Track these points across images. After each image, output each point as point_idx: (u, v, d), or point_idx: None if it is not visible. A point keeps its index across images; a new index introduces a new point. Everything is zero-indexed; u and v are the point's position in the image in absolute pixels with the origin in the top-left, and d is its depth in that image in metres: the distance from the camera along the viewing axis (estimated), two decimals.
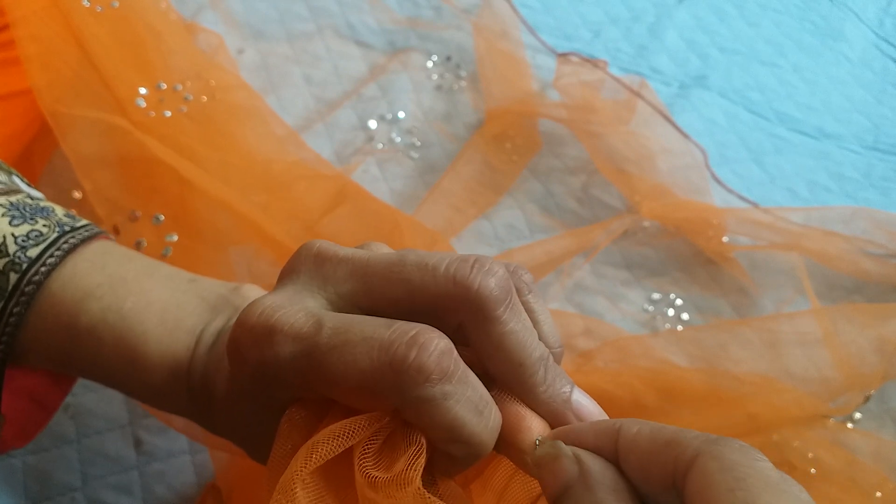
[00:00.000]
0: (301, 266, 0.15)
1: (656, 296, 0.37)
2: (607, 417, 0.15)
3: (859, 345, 0.31)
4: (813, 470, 0.28)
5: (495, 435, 0.14)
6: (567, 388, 0.15)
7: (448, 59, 0.46)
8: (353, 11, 0.48)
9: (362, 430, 0.13)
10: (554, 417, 0.14)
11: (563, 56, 0.45)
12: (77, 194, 0.30)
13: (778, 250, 0.39)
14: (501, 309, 0.13)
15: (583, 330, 0.32)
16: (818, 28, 0.59)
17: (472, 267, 0.13)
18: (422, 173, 0.40)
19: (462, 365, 0.13)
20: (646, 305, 0.36)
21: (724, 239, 0.38)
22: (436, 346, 0.12)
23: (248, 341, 0.14)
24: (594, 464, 0.13)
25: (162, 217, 0.26)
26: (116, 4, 0.30)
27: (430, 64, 0.46)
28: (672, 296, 0.37)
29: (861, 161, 0.48)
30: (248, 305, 0.14)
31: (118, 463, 0.26)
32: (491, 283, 0.13)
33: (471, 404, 0.13)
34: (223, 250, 0.26)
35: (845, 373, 0.30)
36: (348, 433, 0.13)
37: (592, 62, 0.44)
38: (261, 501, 0.24)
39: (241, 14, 0.45)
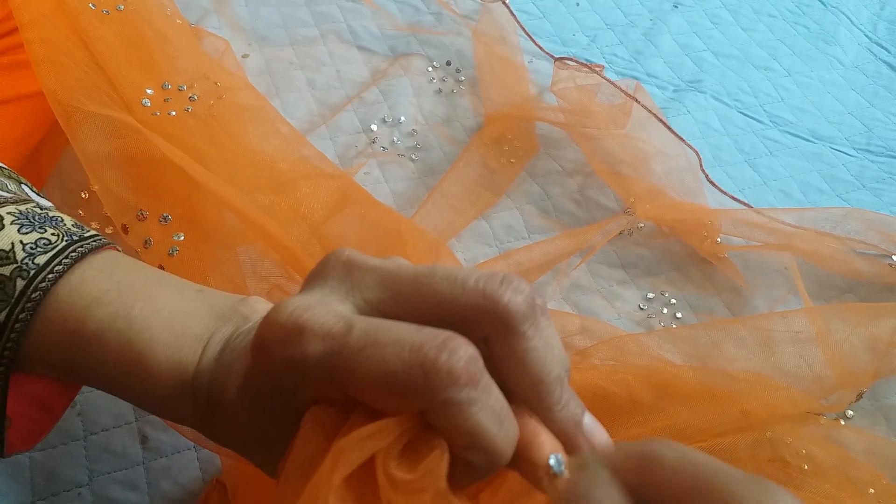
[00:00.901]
0: (330, 271, 0.15)
1: (651, 295, 0.37)
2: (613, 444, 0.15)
3: (852, 343, 0.32)
4: (806, 466, 0.28)
5: (513, 446, 0.14)
6: (580, 411, 0.15)
7: (448, 63, 0.47)
8: (355, 17, 0.48)
9: (389, 432, 0.13)
10: (565, 438, 0.15)
11: (560, 61, 0.46)
12: (84, 195, 0.31)
13: (771, 250, 0.39)
14: (527, 325, 0.14)
15: (579, 328, 0.32)
16: (811, 32, 0.60)
17: (502, 283, 0.14)
18: (422, 175, 0.41)
19: (487, 374, 0.13)
20: (641, 304, 0.37)
21: (718, 239, 0.39)
22: (465, 351, 0.13)
23: (276, 338, 0.14)
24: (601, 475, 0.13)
25: (169, 217, 0.26)
26: (122, 7, 0.31)
27: (430, 69, 0.47)
28: (667, 295, 0.38)
29: (853, 163, 0.49)
30: (277, 305, 0.14)
31: (124, 459, 0.26)
32: (519, 298, 0.14)
33: (493, 413, 0.13)
34: (229, 250, 0.27)
35: (838, 371, 0.31)
36: (375, 436, 0.13)
37: (589, 67, 0.45)
38: (266, 498, 0.24)
39: (246, 19, 0.46)
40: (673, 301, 0.37)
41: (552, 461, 0.14)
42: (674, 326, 0.36)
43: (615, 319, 0.36)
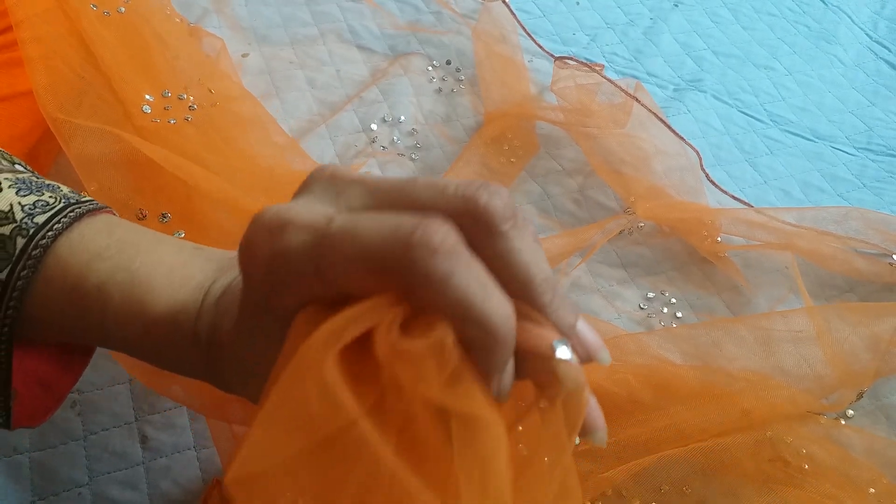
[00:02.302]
0: (315, 183, 0.16)
1: (651, 294, 0.37)
2: (607, 352, 0.15)
3: (852, 342, 0.32)
4: (807, 465, 0.28)
5: (507, 321, 0.14)
6: (573, 318, 0.15)
7: (448, 63, 0.47)
8: (355, 17, 0.48)
9: (384, 308, 0.13)
10: None
11: (560, 60, 0.46)
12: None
13: (771, 250, 0.39)
14: (508, 225, 0.14)
15: None
16: (812, 31, 0.60)
17: (480, 187, 0.14)
18: (422, 174, 0.41)
19: (466, 250, 0.13)
20: (641, 304, 0.37)
21: (718, 238, 0.39)
22: (440, 226, 0.13)
23: (261, 235, 0.14)
24: None
25: (169, 215, 0.26)
26: (123, 10, 0.31)
27: (430, 68, 0.47)
28: (667, 294, 0.37)
29: (854, 162, 0.49)
30: (260, 209, 0.15)
31: (124, 459, 0.27)
32: (497, 200, 0.14)
33: (477, 282, 0.13)
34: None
35: (838, 370, 0.31)
36: (369, 313, 0.13)
37: (589, 66, 0.45)
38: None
39: (246, 19, 0.46)
40: (673, 300, 0.37)
41: (558, 348, 0.14)
42: (674, 326, 0.36)
43: (615, 319, 0.36)
